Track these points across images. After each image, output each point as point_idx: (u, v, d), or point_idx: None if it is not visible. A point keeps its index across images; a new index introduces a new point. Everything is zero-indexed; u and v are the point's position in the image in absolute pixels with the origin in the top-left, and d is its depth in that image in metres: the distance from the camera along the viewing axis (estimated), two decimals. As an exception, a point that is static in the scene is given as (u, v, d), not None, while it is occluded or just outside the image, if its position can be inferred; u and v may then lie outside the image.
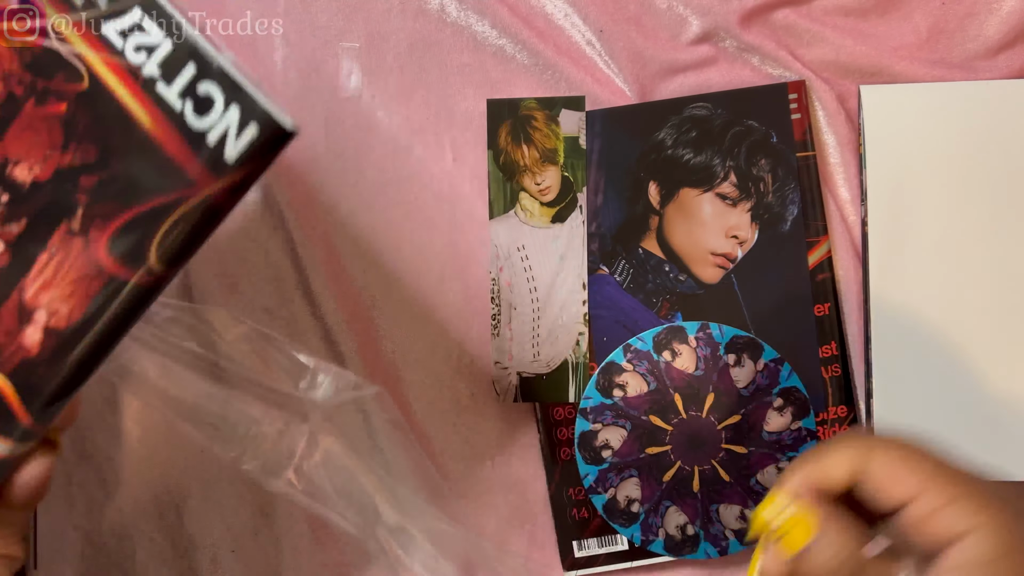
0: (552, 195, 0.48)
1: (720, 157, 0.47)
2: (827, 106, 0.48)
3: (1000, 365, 0.46)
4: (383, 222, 0.49)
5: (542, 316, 0.48)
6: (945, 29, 0.48)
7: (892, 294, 0.46)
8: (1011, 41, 0.48)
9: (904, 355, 0.46)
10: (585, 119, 0.48)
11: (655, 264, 0.48)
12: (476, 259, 0.49)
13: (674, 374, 0.47)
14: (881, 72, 0.48)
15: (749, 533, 0.31)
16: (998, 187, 0.46)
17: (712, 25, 0.48)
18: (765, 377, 0.47)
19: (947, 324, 0.46)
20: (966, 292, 0.46)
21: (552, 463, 0.48)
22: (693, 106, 0.48)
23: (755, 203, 0.47)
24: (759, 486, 0.47)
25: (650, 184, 0.48)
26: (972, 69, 0.48)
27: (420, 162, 0.48)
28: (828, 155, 0.49)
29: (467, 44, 0.49)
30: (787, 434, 0.47)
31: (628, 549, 0.47)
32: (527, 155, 0.48)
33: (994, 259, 0.46)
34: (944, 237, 0.46)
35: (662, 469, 0.47)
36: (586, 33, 0.49)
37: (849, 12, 0.49)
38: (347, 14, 0.49)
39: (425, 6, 0.49)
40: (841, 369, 0.47)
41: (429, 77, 0.49)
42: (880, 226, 0.47)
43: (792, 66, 0.48)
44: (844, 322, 0.48)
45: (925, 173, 0.46)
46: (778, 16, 0.48)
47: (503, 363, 0.48)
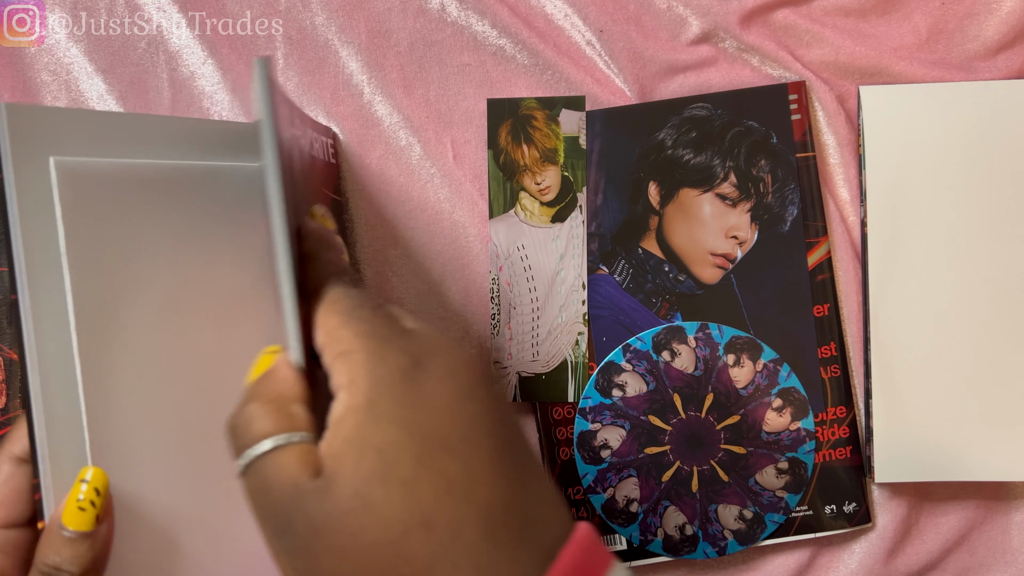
0: (552, 195, 0.48)
1: (720, 157, 0.47)
2: (827, 107, 0.48)
3: (999, 365, 0.46)
4: (384, 221, 0.49)
5: (541, 316, 0.48)
6: (944, 29, 0.48)
7: (891, 295, 0.46)
8: (1010, 41, 0.48)
9: (903, 356, 0.46)
10: (585, 119, 0.48)
11: (655, 264, 0.48)
12: (476, 259, 0.49)
13: (673, 374, 0.47)
14: (881, 72, 0.48)
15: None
16: (998, 187, 0.46)
17: (712, 25, 0.48)
18: (764, 377, 0.47)
19: (946, 325, 0.46)
20: (965, 292, 0.46)
21: (551, 463, 0.48)
22: (693, 106, 0.48)
23: (755, 203, 0.47)
24: (758, 486, 0.47)
25: (650, 184, 0.48)
26: (971, 69, 0.48)
27: (420, 161, 0.48)
28: (828, 156, 0.49)
29: (467, 44, 0.49)
30: (786, 434, 0.47)
31: (627, 549, 0.47)
32: (527, 155, 0.48)
33: (994, 259, 0.46)
34: (944, 237, 0.46)
35: (661, 469, 0.47)
36: (586, 33, 0.49)
37: (849, 12, 0.49)
38: (347, 13, 0.49)
39: (425, 6, 0.49)
40: (840, 370, 0.47)
41: (429, 77, 0.49)
42: (880, 226, 0.47)
43: (792, 66, 0.48)
44: (843, 323, 0.48)
45: (925, 173, 0.46)
46: (778, 16, 0.48)
47: (502, 362, 0.48)
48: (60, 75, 0.49)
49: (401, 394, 0.27)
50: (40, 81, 0.49)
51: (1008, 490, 0.49)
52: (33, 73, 0.49)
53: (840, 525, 0.47)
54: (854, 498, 0.47)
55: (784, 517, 0.47)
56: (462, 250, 0.49)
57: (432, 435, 0.26)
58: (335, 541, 0.26)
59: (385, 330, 0.28)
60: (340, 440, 0.26)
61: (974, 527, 0.48)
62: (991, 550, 0.49)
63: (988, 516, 0.49)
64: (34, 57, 0.49)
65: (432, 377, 0.28)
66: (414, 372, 0.27)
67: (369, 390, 0.27)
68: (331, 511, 0.26)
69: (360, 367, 0.27)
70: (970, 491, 0.48)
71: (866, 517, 0.47)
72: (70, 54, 0.49)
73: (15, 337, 0.31)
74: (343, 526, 0.25)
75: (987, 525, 0.49)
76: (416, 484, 0.26)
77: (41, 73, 0.49)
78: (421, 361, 0.28)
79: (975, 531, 0.49)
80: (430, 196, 0.49)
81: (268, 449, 0.27)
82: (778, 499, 0.47)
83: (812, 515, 0.47)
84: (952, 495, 0.48)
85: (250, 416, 0.28)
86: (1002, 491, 0.49)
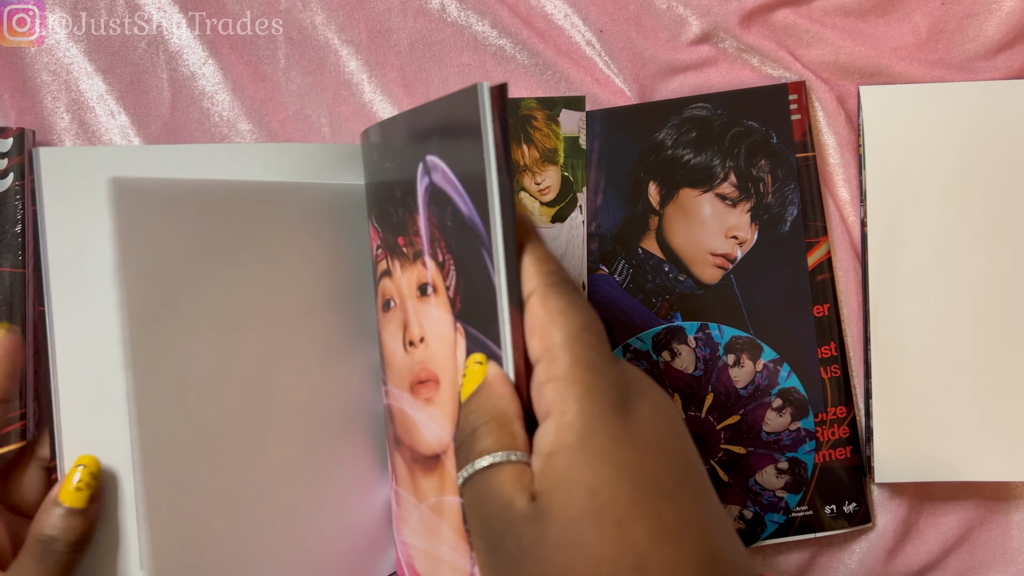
0: (552, 195, 0.48)
1: (720, 157, 0.47)
2: (827, 107, 0.48)
3: (999, 365, 0.46)
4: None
5: (541, 316, 0.48)
6: (944, 29, 0.48)
7: (891, 295, 0.46)
8: (1010, 41, 0.48)
9: (903, 356, 0.46)
10: (585, 119, 0.48)
11: (655, 264, 0.48)
12: (476, 259, 0.49)
13: (673, 374, 0.47)
14: (881, 73, 0.48)
15: None
16: (997, 187, 0.46)
17: (712, 25, 0.48)
18: (764, 377, 0.47)
19: (946, 325, 0.46)
20: (965, 292, 0.46)
21: (551, 463, 0.48)
22: (693, 106, 0.48)
23: (755, 204, 0.47)
24: (758, 486, 0.47)
25: (650, 184, 0.48)
26: (971, 69, 0.48)
27: (420, 162, 0.48)
28: (828, 156, 0.49)
29: (467, 44, 0.49)
30: (786, 434, 0.47)
31: (627, 549, 0.47)
32: (527, 155, 0.48)
33: (993, 259, 0.46)
34: (943, 237, 0.46)
35: (661, 469, 0.47)
36: (586, 33, 0.49)
37: (849, 12, 0.49)
38: (347, 13, 0.49)
39: (425, 6, 0.49)
40: (840, 370, 0.47)
41: (429, 77, 0.49)
42: (880, 226, 0.47)
43: (792, 67, 0.48)
44: (843, 323, 0.48)
45: (925, 173, 0.46)
46: (778, 16, 0.48)
47: (502, 363, 0.48)
48: (60, 75, 0.49)
49: (614, 432, 0.26)
50: (40, 81, 0.49)
51: (1008, 490, 0.49)
52: (33, 73, 0.49)
53: (840, 525, 0.47)
54: (854, 498, 0.47)
55: (784, 517, 0.47)
56: (462, 250, 0.49)
57: (647, 476, 0.26)
58: (544, 569, 0.25)
59: (604, 361, 0.28)
60: (550, 480, 0.26)
61: (974, 527, 0.48)
62: (991, 550, 0.49)
63: (988, 516, 0.49)
64: (34, 57, 0.49)
65: (643, 415, 0.27)
66: (626, 408, 0.27)
67: (582, 428, 0.26)
68: (541, 540, 0.26)
69: (574, 400, 0.27)
70: (970, 491, 0.48)
71: (866, 517, 0.47)
72: (70, 54, 0.49)
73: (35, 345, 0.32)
74: (553, 557, 0.25)
75: (987, 525, 0.49)
76: (630, 526, 0.25)
77: (41, 73, 0.49)
78: (631, 398, 0.28)
79: (975, 531, 0.49)
80: (430, 196, 0.49)
81: (487, 465, 0.28)
82: (778, 499, 0.47)
83: (812, 515, 0.47)
84: (952, 495, 0.48)
85: (475, 433, 0.28)
86: (1002, 491, 0.49)
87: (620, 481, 0.26)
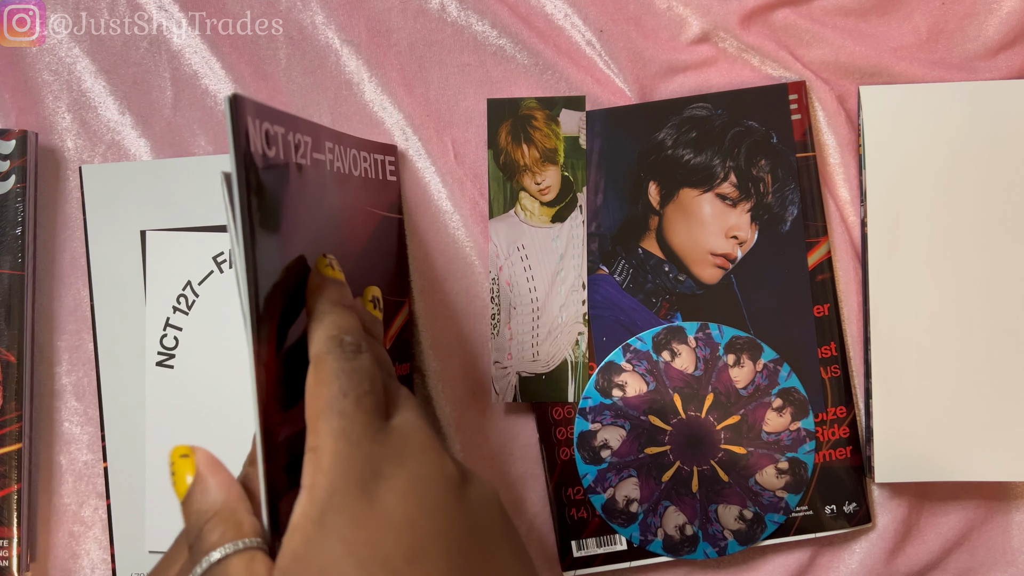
0: (552, 195, 0.48)
1: (720, 157, 0.47)
2: (827, 106, 0.48)
3: (999, 365, 0.46)
4: (383, 221, 0.49)
5: (541, 316, 0.48)
6: (945, 29, 0.48)
7: (891, 295, 0.46)
8: (1011, 41, 0.48)
9: (903, 356, 0.46)
10: (585, 119, 0.48)
11: (655, 264, 0.48)
12: (476, 259, 0.49)
13: (673, 374, 0.47)
14: (881, 72, 0.48)
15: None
16: (997, 187, 0.46)
17: (712, 25, 0.48)
18: (764, 377, 0.47)
19: (946, 324, 0.46)
20: (965, 292, 0.46)
21: (551, 463, 0.48)
22: (693, 106, 0.48)
23: (755, 203, 0.47)
24: (758, 486, 0.47)
25: (650, 184, 0.48)
26: (972, 69, 0.48)
27: (421, 161, 0.49)
28: (828, 156, 0.49)
29: (467, 44, 0.49)
30: (786, 434, 0.47)
31: (627, 549, 0.47)
32: (527, 155, 0.48)
33: (994, 259, 0.46)
34: (943, 237, 0.46)
35: (661, 469, 0.47)
36: (586, 33, 0.49)
37: (849, 12, 0.49)
38: (347, 13, 0.49)
39: (425, 6, 0.49)
40: (840, 370, 0.47)
41: (429, 76, 0.49)
42: (880, 226, 0.47)
43: (792, 66, 0.48)
44: (843, 323, 0.48)
45: (925, 173, 0.46)
46: (778, 16, 0.48)
47: (502, 363, 0.48)
48: (62, 75, 0.49)
49: (352, 510, 0.26)
50: (41, 81, 0.49)
51: (1008, 490, 0.49)
52: (34, 73, 0.49)
53: (840, 525, 0.47)
54: (854, 498, 0.47)
55: (784, 517, 0.47)
56: (462, 250, 0.49)
57: (377, 557, 0.26)
58: None
59: (360, 429, 0.28)
60: (290, 556, 0.26)
61: (974, 527, 0.48)
62: (991, 550, 0.49)
63: (988, 516, 0.48)
64: (35, 57, 0.49)
65: (391, 490, 0.27)
66: (374, 484, 0.27)
67: (324, 502, 0.27)
68: None
69: (322, 473, 0.27)
70: (970, 491, 0.48)
71: (866, 517, 0.47)
72: (72, 54, 0.49)
73: (89, 344, 0.30)
74: None
75: (987, 525, 0.49)
76: None
77: (42, 73, 0.49)
78: (385, 471, 0.27)
79: (975, 531, 0.49)
80: (431, 196, 0.49)
81: (217, 559, 0.28)
82: (778, 499, 0.47)
83: (812, 515, 0.47)
84: (952, 495, 0.48)
85: (201, 533, 0.28)
86: (1002, 491, 0.49)
87: (348, 563, 0.26)
